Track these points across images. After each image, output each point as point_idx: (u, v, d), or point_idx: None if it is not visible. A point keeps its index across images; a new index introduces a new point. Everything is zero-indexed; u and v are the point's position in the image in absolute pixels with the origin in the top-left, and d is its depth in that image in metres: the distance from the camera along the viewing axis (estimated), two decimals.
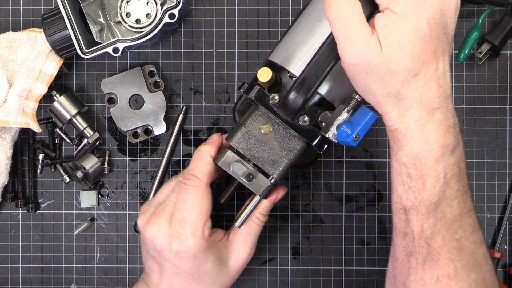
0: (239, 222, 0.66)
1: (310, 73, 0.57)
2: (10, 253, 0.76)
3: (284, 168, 0.64)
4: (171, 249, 0.63)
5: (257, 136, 0.64)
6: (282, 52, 0.64)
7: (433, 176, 0.54)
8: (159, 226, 0.64)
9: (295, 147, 0.64)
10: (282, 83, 0.63)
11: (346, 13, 0.53)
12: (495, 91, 0.75)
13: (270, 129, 0.64)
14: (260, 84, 0.62)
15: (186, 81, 0.76)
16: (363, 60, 0.53)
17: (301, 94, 0.57)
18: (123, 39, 0.69)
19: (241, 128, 0.64)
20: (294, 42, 0.63)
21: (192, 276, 0.64)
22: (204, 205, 0.64)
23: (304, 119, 0.61)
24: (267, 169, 0.64)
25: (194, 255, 0.63)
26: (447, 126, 0.54)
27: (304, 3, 0.75)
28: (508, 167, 0.75)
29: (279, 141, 0.64)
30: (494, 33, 0.73)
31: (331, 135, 0.58)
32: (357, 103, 0.57)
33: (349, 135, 0.57)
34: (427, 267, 0.56)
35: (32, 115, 0.71)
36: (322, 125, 0.60)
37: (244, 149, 0.64)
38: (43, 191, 0.76)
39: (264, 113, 0.64)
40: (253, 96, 0.62)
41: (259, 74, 0.60)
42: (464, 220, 0.56)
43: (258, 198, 0.65)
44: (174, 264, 0.64)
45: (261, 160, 0.64)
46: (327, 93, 0.62)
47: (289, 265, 0.76)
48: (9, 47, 0.71)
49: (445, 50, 0.55)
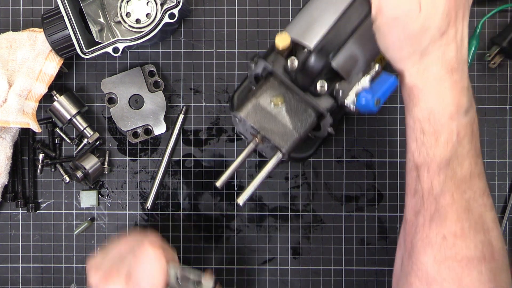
0: (242, 198, 0.62)
1: (330, 38, 0.57)
2: (10, 253, 0.76)
3: (293, 142, 0.62)
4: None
5: (267, 108, 0.62)
6: (297, 27, 0.61)
7: (446, 133, 0.55)
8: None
9: (306, 121, 0.62)
10: (296, 56, 0.62)
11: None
12: (495, 91, 0.75)
13: (282, 101, 0.63)
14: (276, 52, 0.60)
15: (186, 81, 0.76)
16: (406, 14, 0.54)
17: (321, 57, 0.57)
18: (123, 39, 0.69)
19: (251, 99, 0.62)
20: (309, 17, 0.61)
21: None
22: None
23: (322, 84, 0.59)
24: (277, 141, 0.62)
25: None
26: (462, 87, 0.56)
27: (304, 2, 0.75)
28: (508, 167, 0.75)
29: (290, 114, 0.62)
30: (501, 36, 0.73)
31: (351, 102, 0.58)
32: (377, 71, 0.57)
33: (370, 100, 0.57)
34: (433, 224, 0.56)
35: (32, 115, 0.71)
36: (340, 94, 0.59)
37: (254, 120, 0.62)
38: (43, 191, 0.76)
39: (275, 85, 0.62)
40: (271, 62, 0.60)
41: (277, 39, 0.58)
42: (474, 182, 0.56)
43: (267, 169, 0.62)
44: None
45: (270, 132, 0.62)
46: (342, 65, 0.60)
47: (289, 265, 0.76)
48: (9, 47, 0.71)
49: (465, 15, 0.57)
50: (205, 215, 0.76)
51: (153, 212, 0.76)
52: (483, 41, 0.74)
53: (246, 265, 0.76)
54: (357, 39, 0.60)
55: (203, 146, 0.76)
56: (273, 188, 0.76)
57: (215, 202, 0.76)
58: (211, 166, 0.76)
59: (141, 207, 0.76)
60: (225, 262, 0.76)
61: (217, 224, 0.76)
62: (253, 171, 0.76)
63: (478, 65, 0.75)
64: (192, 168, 0.76)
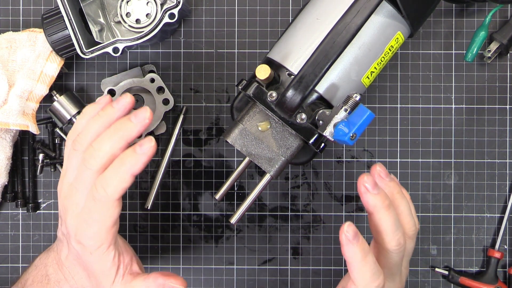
0: (234, 218, 0.66)
1: (308, 71, 0.57)
2: (10, 253, 0.76)
3: (280, 165, 0.64)
4: (75, 238, 0.59)
5: (254, 133, 0.64)
6: (281, 50, 0.64)
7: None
8: (72, 212, 0.60)
9: (292, 145, 0.64)
10: (280, 81, 0.63)
11: None
12: (495, 91, 0.75)
13: (268, 126, 0.64)
14: (258, 81, 0.62)
15: (186, 81, 0.76)
16: None
17: (299, 92, 0.58)
18: (123, 39, 0.69)
19: (238, 125, 0.64)
20: (293, 40, 0.63)
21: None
22: (107, 224, 0.59)
23: (302, 117, 0.61)
24: (264, 166, 0.64)
25: (91, 252, 0.59)
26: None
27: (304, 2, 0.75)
28: (508, 167, 0.75)
29: (276, 139, 0.64)
30: (502, 32, 0.73)
31: (328, 134, 0.58)
32: (354, 102, 0.58)
33: (346, 134, 0.57)
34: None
35: (32, 116, 0.71)
36: (320, 124, 0.60)
37: (241, 146, 0.64)
38: (43, 191, 0.76)
39: (261, 110, 0.64)
40: (251, 93, 0.62)
41: (257, 71, 0.60)
42: None
43: (257, 191, 0.66)
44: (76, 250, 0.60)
45: (257, 157, 0.64)
46: (325, 92, 0.62)
47: (289, 265, 0.76)
48: (9, 48, 0.71)
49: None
50: (205, 215, 0.76)
51: (153, 212, 0.76)
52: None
53: (246, 265, 0.76)
54: (341, 68, 0.61)
55: (203, 146, 0.76)
56: (273, 188, 0.76)
57: (215, 202, 0.76)
58: (211, 166, 0.76)
59: (141, 207, 0.76)
60: (225, 262, 0.76)
61: (217, 224, 0.76)
62: (253, 171, 0.76)
63: (478, 65, 0.75)
64: (192, 168, 0.76)
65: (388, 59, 0.64)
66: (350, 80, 0.62)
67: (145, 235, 0.76)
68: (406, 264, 0.63)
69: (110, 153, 0.58)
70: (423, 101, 0.75)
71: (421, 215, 0.75)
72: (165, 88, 0.73)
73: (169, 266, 0.76)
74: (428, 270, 0.76)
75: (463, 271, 0.76)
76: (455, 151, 0.75)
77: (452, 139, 0.75)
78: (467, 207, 0.75)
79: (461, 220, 0.75)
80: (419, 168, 0.75)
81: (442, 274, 0.75)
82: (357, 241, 0.56)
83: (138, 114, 0.58)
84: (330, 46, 0.57)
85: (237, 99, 0.72)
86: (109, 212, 0.58)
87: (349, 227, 0.56)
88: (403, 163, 0.75)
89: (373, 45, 0.62)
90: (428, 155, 0.75)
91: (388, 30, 0.63)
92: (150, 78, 0.73)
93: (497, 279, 0.74)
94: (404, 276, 0.63)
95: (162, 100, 0.73)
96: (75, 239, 0.59)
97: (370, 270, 0.56)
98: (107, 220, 0.58)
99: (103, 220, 0.58)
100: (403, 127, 0.75)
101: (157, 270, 0.76)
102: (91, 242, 0.59)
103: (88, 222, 0.58)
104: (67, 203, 0.60)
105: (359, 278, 0.57)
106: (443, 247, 0.76)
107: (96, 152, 0.58)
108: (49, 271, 0.64)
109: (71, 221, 0.59)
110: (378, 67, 0.64)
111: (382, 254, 0.60)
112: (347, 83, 0.62)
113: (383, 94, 0.75)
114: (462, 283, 0.74)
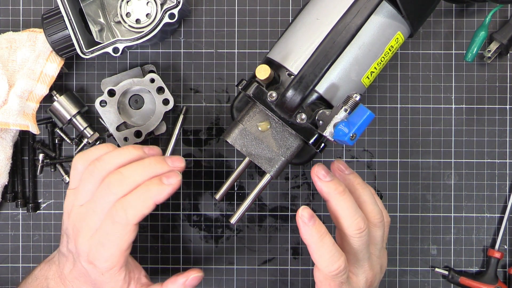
0: (234, 218, 0.66)
1: (308, 71, 0.57)
2: (10, 253, 0.76)
3: (280, 165, 0.64)
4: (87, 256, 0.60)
5: (254, 133, 0.64)
6: (281, 50, 0.64)
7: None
8: (86, 233, 0.60)
9: (292, 145, 0.64)
10: (280, 81, 0.63)
11: None
12: (495, 91, 0.75)
13: (268, 127, 0.64)
14: (258, 81, 0.62)
15: (186, 81, 0.76)
16: None
17: (299, 92, 0.58)
18: (123, 39, 0.69)
19: (238, 125, 0.64)
20: (293, 40, 0.63)
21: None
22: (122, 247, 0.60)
23: (302, 117, 0.61)
24: (264, 166, 0.64)
25: (102, 274, 0.60)
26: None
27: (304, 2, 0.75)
28: (508, 167, 0.75)
29: (276, 139, 0.64)
30: (502, 32, 0.73)
31: (328, 134, 0.58)
32: (354, 103, 0.58)
33: (346, 134, 0.57)
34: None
35: (32, 116, 0.71)
36: (320, 124, 0.60)
37: (241, 146, 0.64)
38: (43, 191, 0.76)
39: (261, 110, 0.64)
40: (251, 93, 0.62)
41: (257, 71, 0.60)
42: None
43: (257, 191, 0.66)
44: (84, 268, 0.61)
45: (257, 157, 0.64)
46: (325, 92, 0.62)
47: (289, 265, 0.76)
48: (9, 48, 0.71)
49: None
50: (205, 215, 0.76)
51: (153, 212, 0.76)
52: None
53: (246, 265, 0.76)
54: (341, 68, 0.61)
55: (203, 146, 0.76)
56: (273, 188, 0.76)
57: (215, 202, 0.76)
58: (211, 166, 0.76)
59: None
60: (225, 262, 0.76)
61: (217, 224, 0.76)
62: (253, 171, 0.76)
63: (478, 65, 0.75)
64: (192, 168, 0.76)
65: (388, 59, 0.64)
66: (350, 80, 0.62)
67: (145, 235, 0.76)
68: (377, 252, 0.64)
69: (137, 182, 0.59)
70: (423, 101, 0.75)
71: (421, 215, 0.75)
72: (165, 88, 0.73)
73: (169, 266, 0.76)
74: (428, 270, 0.76)
75: (463, 271, 0.76)
76: (455, 151, 0.75)
77: (452, 139, 0.75)
78: (467, 207, 0.75)
79: (461, 220, 0.76)
80: (419, 168, 0.75)
81: (442, 274, 0.75)
82: (313, 223, 0.59)
83: (170, 177, 0.60)
84: (330, 46, 0.57)
85: (237, 99, 0.72)
86: (126, 236, 0.58)
87: (303, 210, 0.59)
88: (403, 163, 0.75)
89: (373, 45, 0.62)
90: (428, 155, 0.75)
91: (388, 30, 0.63)
92: (150, 78, 0.73)
93: (497, 279, 0.74)
94: (377, 265, 0.65)
95: (162, 100, 0.73)
96: (87, 260, 0.60)
97: (329, 252, 0.59)
98: (123, 243, 0.59)
99: (119, 243, 0.58)
100: (403, 127, 0.75)
101: (157, 270, 0.76)
102: (105, 264, 0.59)
103: (103, 244, 0.58)
104: (80, 225, 0.60)
105: (319, 260, 0.59)
106: (443, 247, 0.76)
107: (125, 180, 0.58)
108: (50, 284, 0.65)
109: (83, 242, 0.60)
110: (378, 67, 0.64)
111: (344, 240, 0.62)
112: (347, 83, 0.62)
113: (383, 94, 0.75)
114: (462, 283, 0.74)
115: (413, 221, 0.75)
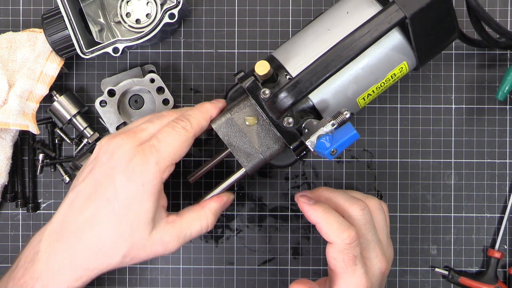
0: (208, 197, 0.66)
1: (305, 77, 0.58)
2: (10, 253, 0.76)
3: (257, 163, 0.64)
4: (127, 166, 0.59)
5: (239, 126, 0.64)
6: (286, 51, 0.64)
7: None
8: (126, 141, 0.60)
9: (273, 146, 0.64)
10: (277, 81, 0.63)
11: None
12: (495, 91, 0.75)
13: (255, 122, 0.64)
14: (256, 76, 0.62)
15: (186, 81, 0.76)
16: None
17: (291, 96, 0.58)
18: (123, 39, 0.69)
19: (226, 113, 0.64)
20: (300, 44, 0.63)
21: (111, 203, 0.59)
22: (182, 150, 0.62)
23: (289, 121, 0.61)
24: (241, 159, 0.64)
25: (143, 184, 0.59)
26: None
27: (304, 2, 0.76)
28: (508, 167, 0.75)
29: (260, 136, 0.64)
30: None
31: (310, 144, 0.59)
32: (343, 119, 0.58)
33: (326, 148, 0.57)
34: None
35: (32, 116, 0.71)
36: (305, 132, 0.61)
37: (223, 135, 0.64)
38: (43, 191, 0.76)
39: (252, 105, 0.64)
40: (246, 86, 0.62)
41: (256, 66, 0.60)
42: None
43: (229, 182, 0.66)
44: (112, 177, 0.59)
45: (237, 150, 0.64)
46: (318, 102, 0.62)
47: (289, 265, 0.76)
48: (9, 48, 0.71)
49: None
50: None
51: None
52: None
53: (246, 265, 0.76)
54: (339, 83, 0.62)
55: (203, 146, 0.76)
56: (273, 188, 0.76)
57: None
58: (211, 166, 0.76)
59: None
60: (225, 262, 0.76)
61: (217, 224, 0.76)
62: None
63: (478, 65, 0.75)
64: (192, 168, 0.76)
65: (388, 85, 0.64)
66: (346, 97, 0.63)
67: None
68: (385, 239, 0.65)
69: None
70: (423, 101, 0.75)
71: (421, 215, 0.75)
72: (165, 88, 0.73)
73: (169, 266, 0.76)
74: (428, 270, 0.76)
75: (463, 271, 0.76)
76: (455, 151, 0.75)
77: (452, 139, 0.75)
78: (467, 207, 0.75)
79: (461, 220, 0.76)
80: (419, 168, 0.75)
81: (442, 274, 0.75)
82: (315, 201, 0.62)
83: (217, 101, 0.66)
84: (332, 59, 0.57)
85: (233, 89, 0.72)
86: (184, 144, 0.62)
87: (301, 196, 0.63)
88: (403, 163, 0.75)
89: (376, 68, 0.62)
90: (428, 155, 0.75)
91: (394, 58, 0.62)
92: (150, 78, 0.73)
93: (497, 279, 0.74)
94: (388, 252, 0.65)
95: (162, 100, 0.73)
96: (125, 170, 0.59)
97: (336, 221, 0.60)
98: (178, 150, 0.61)
99: (175, 147, 0.61)
100: (403, 127, 0.75)
101: (157, 270, 0.76)
102: (164, 155, 0.60)
103: (155, 147, 0.60)
104: (127, 135, 0.61)
105: (328, 232, 0.60)
106: (443, 247, 0.76)
107: (180, 111, 0.64)
108: (41, 246, 0.61)
109: (128, 149, 0.60)
110: (377, 91, 0.64)
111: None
112: (342, 99, 0.62)
113: (383, 94, 0.75)
114: (462, 283, 0.74)
115: (413, 221, 0.75)
